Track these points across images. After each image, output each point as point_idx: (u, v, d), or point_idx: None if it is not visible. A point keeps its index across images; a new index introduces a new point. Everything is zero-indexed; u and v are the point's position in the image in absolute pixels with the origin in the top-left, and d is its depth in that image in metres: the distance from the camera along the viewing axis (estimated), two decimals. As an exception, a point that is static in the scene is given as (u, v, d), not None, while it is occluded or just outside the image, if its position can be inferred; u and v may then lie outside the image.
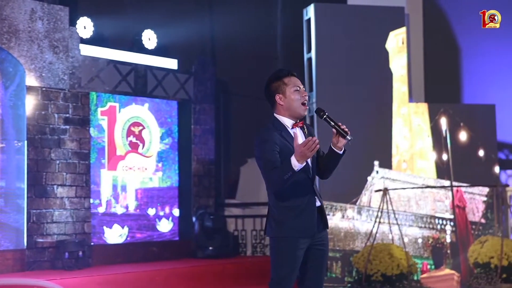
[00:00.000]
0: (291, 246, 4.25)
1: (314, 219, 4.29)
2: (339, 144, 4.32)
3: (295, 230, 4.23)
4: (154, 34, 9.33)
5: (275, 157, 4.22)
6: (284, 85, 4.35)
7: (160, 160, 9.38)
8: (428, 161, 8.79)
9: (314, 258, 4.36)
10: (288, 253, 4.25)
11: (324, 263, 4.44)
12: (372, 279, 7.76)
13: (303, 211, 4.25)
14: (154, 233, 9.24)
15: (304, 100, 4.37)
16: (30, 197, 7.72)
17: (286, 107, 4.35)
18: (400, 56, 8.75)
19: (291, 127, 4.36)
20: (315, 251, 4.36)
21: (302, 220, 4.23)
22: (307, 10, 8.60)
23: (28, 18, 7.76)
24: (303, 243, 4.28)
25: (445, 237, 8.72)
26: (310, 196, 4.29)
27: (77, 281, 6.76)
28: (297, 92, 4.35)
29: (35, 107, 7.81)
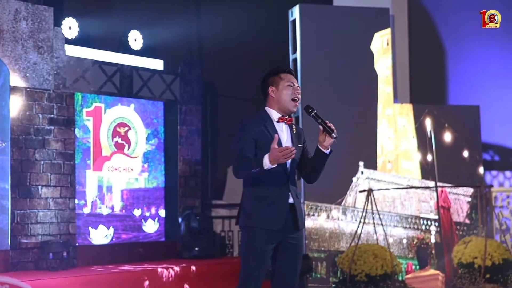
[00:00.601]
0: (259, 237, 4.32)
1: (283, 214, 4.35)
2: (325, 143, 4.38)
3: (262, 221, 4.30)
4: (140, 35, 9.33)
5: (249, 147, 4.35)
6: (279, 79, 4.48)
7: (146, 161, 9.38)
8: (413, 161, 8.83)
9: (285, 255, 4.41)
10: (255, 245, 4.32)
11: (297, 261, 4.46)
12: (356, 279, 7.78)
13: (273, 203, 4.32)
14: (140, 233, 9.24)
15: (295, 97, 4.48)
16: (14, 197, 7.70)
17: (277, 100, 4.46)
18: (385, 57, 8.79)
19: (277, 121, 4.42)
20: (287, 249, 4.40)
21: (270, 211, 4.31)
22: (292, 11, 8.62)
23: (12, 18, 7.75)
24: (271, 237, 4.32)
25: (429, 237, 8.76)
26: (283, 190, 4.36)
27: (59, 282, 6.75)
28: (290, 87, 4.46)
29: (19, 108, 7.79)
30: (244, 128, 4.42)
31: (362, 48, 8.68)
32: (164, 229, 9.51)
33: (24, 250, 7.72)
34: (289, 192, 4.39)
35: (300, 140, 4.58)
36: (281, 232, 4.37)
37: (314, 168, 4.52)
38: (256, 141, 4.36)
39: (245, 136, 4.38)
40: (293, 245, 4.43)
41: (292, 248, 4.43)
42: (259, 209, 4.34)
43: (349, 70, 8.61)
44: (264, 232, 4.32)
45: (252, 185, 4.38)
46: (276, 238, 4.36)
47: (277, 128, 4.46)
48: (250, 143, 4.34)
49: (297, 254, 4.47)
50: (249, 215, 4.35)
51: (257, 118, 4.46)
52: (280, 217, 4.34)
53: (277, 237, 4.36)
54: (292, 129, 4.54)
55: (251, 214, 4.34)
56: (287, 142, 4.47)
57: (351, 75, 8.62)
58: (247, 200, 4.40)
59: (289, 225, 4.39)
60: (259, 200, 4.34)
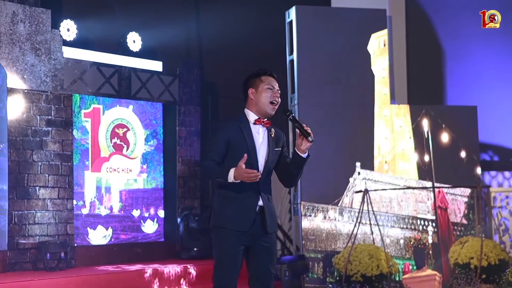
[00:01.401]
0: (227, 238, 4.35)
1: (250, 217, 4.37)
2: (302, 147, 4.39)
3: (230, 222, 4.33)
4: (139, 37, 9.38)
5: (218, 148, 4.41)
6: (260, 81, 4.50)
7: (145, 162, 9.43)
8: (410, 162, 8.84)
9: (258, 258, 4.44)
10: (225, 246, 4.36)
11: (270, 264, 4.47)
12: (352, 279, 7.80)
13: (241, 204, 4.34)
14: (138, 234, 9.29)
15: (274, 100, 4.47)
16: (12, 198, 7.77)
17: (255, 102, 4.48)
18: (381, 58, 8.80)
19: (254, 123, 4.45)
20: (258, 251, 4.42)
21: (238, 213, 4.32)
22: (289, 13, 8.65)
23: (9, 21, 7.82)
24: (240, 239, 4.35)
25: (427, 238, 8.77)
26: (252, 192, 4.38)
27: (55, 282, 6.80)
28: (269, 90, 4.47)
29: (17, 109, 7.86)
30: (219, 129, 4.48)
31: (359, 49, 8.69)
32: (163, 230, 9.56)
33: (21, 251, 7.79)
34: (259, 195, 4.40)
35: (278, 143, 4.58)
36: (249, 234, 4.38)
37: (292, 172, 4.52)
38: (228, 143, 4.40)
39: (217, 137, 4.44)
40: (264, 247, 4.43)
41: (264, 250, 4.43)
42: (227, 210, 4.38)
43: (346, 71, 8.62)
44: (232, 233, 4.35)
45: (222, 187, 4.42)
46: (245, 240, 4.38)
47: (253, 130, 4.47)
48: (220, 145, 4.39)
49: (270, 257, 4.47)
50: (217, 215, 4.39)
51: (234, 120, 4.49)
52: (247, 219, 4.36)
53: (246, 239, 4.38)
54: (270, 132, 4.54)
55: (219, 215, 4.38)
56: (262, 145, 4.48)
57: (348, 76, 8.63)
58: (217, 201, 4.45)
59: (257, 228, 4.40)
60: (228, 201, 4.38)
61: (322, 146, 8.42)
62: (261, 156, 4.46)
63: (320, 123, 8.46)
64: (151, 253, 9.18)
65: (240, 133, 4.40)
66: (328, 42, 8.63)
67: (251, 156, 4.39)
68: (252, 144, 4.41)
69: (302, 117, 8.40)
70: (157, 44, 9.63)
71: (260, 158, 4.44)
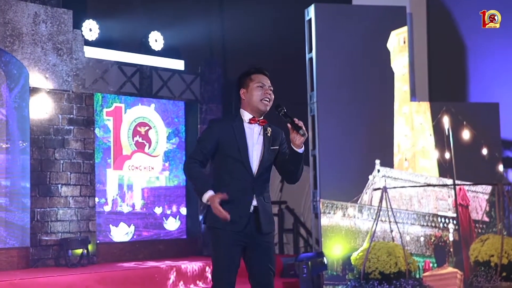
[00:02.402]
0: (223, 238, 4.34)
1: (244, 217, 4.35)
2: (297, 142, 4.37)
3: (222, 222, 4.29)
4: (161, 36, 9.48)
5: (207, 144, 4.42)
6: (250, 81, 4.48)
7: (167, 160, 9.53)
8: (430, 159, 8.80)
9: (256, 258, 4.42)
10: (221, 246, 4.34)
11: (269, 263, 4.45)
12: (370, 277, 7.79)
13: (235, 204, 4.33)
14: (161, 231, 9.39)
15: (265, 97, 4.44)
16: (34, 196, 7.91)
17: (247, 102, 4.47)
18: (401, 55, 8.78)
19: (248, 122, 4.46)
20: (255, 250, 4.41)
21: (232, 213, 4.29)
22: (308, 11, 8.66)
23: (31, 21, 7.96)
24: (236, 239, 4.34)
25: (447, 235, 8.72)
26: (245, 192, 4.37)
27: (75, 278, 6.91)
28: (260, 88, 4.45)
29: (39, 108, 7.99)
30: (210, 126, 4.49)
31: (378, 47, 8.67)
32: (185, 227, 9.65)
33: (44, 247, 7.93)
34: (254, 194, 4.41)
35: (275, 142, 4.55)
36: (245, 234, 4.39)
37: (290, 168, 4.49)
38: (218, 142, 4.39)
39: (207, 136, 4.42)
40: (261, 247, 4.41)
41: (261, 249, 4.41)
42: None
43: (365, 68, 8.61)
44: (228, 233, 4.34)
45: (216, 186, 4.40)
46: (241, 240, 4.36)
47: (247, 129, 4.45)
48: (209, 143, 4.38)
49: (268, 256, 4.44)
50: (213, 215, 4.34)
51: (228, 118, 4.49)
52: (241, 219, 4.35)
53: (242, 239, 4.36)
54: (266, 131, 4.53)
55: (214, 215, 4.35)
56: (257, 144, 4.47)
57: (367, 73, 8.62)
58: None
59: (252, 228, 4.41)
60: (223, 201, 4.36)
61: (342, 143, 8.44)
62: (255, 155, 4.45)
63: (339, 120, 8.48)
64: (173, 250, 9.28)
65: (231, 133, 4.39)
66: (347, 39, 8.62)
67: (242, 155, 4.39)
68: (243, 143, 4.41)
69: (322, 115, 8.43)
70: (179, 43, 9.72)
71: (253, 157, 4.43)
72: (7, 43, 7.78)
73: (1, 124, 7.98)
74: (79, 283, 6.83)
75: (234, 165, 4.39)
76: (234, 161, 4.38)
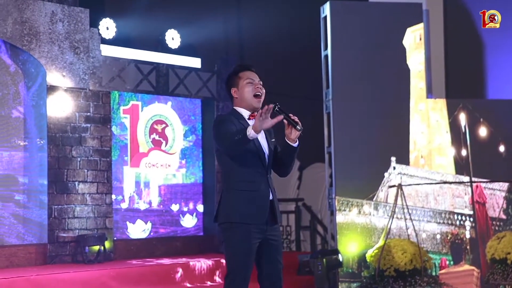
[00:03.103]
0: (243, 233, 4.32)
1: (266, 209, 4.39)
2: (292, 136, 4.40)
3: (246, 216, 4.31)
4: (177, 34, 9.53)
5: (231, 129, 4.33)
6: (239, 79, 4.52)
7: (184, 157, 9.59)
8: (446, 157, 8.77)
9: (268, 252, 4.45)
10: (239, 241, 4.33)
11: (278, 256, 4.50)
12: (385, 274, 7.80)
13: (256, 198, 4.36)
14: (178, 228, 9.45)
15: (257, 92, 4.47)
16: (52, 193, 8.00)
17: (240, 99, 4.50)
18: (417, 52, 8.75)
19: (248, 118, 4.49)
20: (269, 245, 4.45)
21: (254, 206, 4.32)
22: (324, 8, 8.67)
23: (48, 20, 8.04)
24: (255, 233, 4.35)
25: (464, 233, 8.68)
26: (263, 186, 4.40)
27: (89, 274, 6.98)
28: (250, 84, 4.48)
29: (56, 106, 8.08)
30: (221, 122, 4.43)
31: (394, 44, 8.66)
32: (202, 224, 9.70)
33: (61, 244, 8.01)
34: (269, 186, 4.44)
35: (271, 135, 4.62)
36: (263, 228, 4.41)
37: (284, 162, 4.53)
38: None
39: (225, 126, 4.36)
40: (273, 241, 4.45)
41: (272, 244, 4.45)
42: (242, 205, 4.35)
43: (381, 65, 8.60)
44: (249, 228, 4.33)
45: (234, 181, 4.40)
46: (260, 233, 4.39)
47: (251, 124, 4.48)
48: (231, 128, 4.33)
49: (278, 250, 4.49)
50: (231, 211, 4.34)
51: (231, 115, 4.51)
52: (263, 211, 4.36)
53: (260, 232, 4.39)
54: None
55: (234, 210, 4.33)
56: (262, 138, 4.52)
57: (383, 70, 8.61)
58: (229, 196, 4.40)
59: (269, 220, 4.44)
60: (242, 194, 4.35)
61: (357, 141, 8.44)
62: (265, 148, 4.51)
63: (355, 118, 8.47)
64: (190, 247, 9.33)
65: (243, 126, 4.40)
66: (363, 36, 8.62)
67: (258, 149, 4.44)
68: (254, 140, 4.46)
69: (337, 112, 8.43)
70: (195, 41, 9.77)
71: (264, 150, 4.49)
72: (25, 42, 7.87)
73: (19, 122, 8.08)
74: (95, 279, 6.90)
75: (252, 159, 4.40)
76: (252, 155, 4.40)
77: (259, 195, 4.38)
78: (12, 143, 8.04)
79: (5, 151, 7.98)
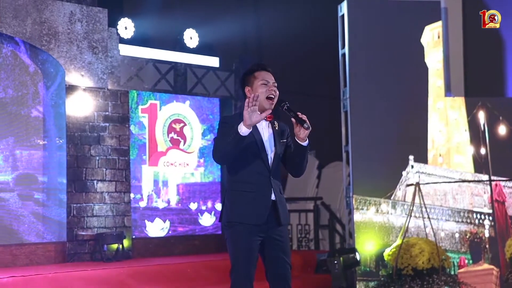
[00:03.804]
0: (242, 233, 4.36)
1: (266, 210, 4.39)
2: (301, 135, 4.41)
3: (244, 216, 4.34)
4: (196, 33, 9.57)
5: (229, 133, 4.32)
6: (254, 78, 4.52)
7: (202, 156, 9.62)
8: (465, 155, 8.73)
9: (272, 251, 4.46)
10: (240, 241, 4.36)
11: (285, 255, 4.50)
12: (402, 273, 7.78)
13: (255, 198, 4.37)
14: (196, 227, 9.48)
15: (270, 94, 4.47)
16: (70, 191, 8.06)
17: None
18: (435, 50, 8.72)
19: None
20: (273, 244, 4.45)
21: (252, 207, 4.34)
22: (341, 6, 8.66)
23: (67, 20, 8.11)
24: (255, 233, 4.37)
25: (483, 231, 8.64)
26: (264, 186, 4.41)
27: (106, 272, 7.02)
28: (264, 85, 4.48)
29: (75, 106, 8.14)
30: (225, 121, 4.49)
31: (412, 42, 8.63)
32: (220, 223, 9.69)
33: (80, 242, 8.07)
34: (272, 187, 4.44)
35: (283, 136, 4.62)
36: (264, 228, 4.42)
37: (295, 161, 4.55)
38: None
39: (226, 128, 4.39)
40: (278, 241, 4.46)
41: (277, 244, 4.46)
42: (241, 205, 4.39)
43: (398, 64, 8.58)
44: (247, 227, 4.37)
45: (234, 181, 4.45)
46: (260, 233, 4.40)
47: (258, 125, 4.48)
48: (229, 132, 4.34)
49: (284, 249, 4.49)
50: (231, 211, 4.39)
51: (237, 116, 4.51)
52: (262, 212, 4.38)
53: (260, 232, 4.40)
54: (274, 125, 4.58)
55: (233, 210, 4.38)
56: (269, 139, 4.53)
57: (401, 69, 8.59)
58: (230, 196, 4.46)
59: (271, 221, 4.44)
60: (242, 195, 4.39)
61: (375, 139, 8.42)
62: (269, 149, 4.51)
63: (372, 116, 8.46)
64: (208, 245, 9.36)
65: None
66: (380, 35, 8.60)
67: (261, 150, 4.45)
68: (260, 138, 4.47)
69: (355, 111, 8.43)
70: (214, 40, 9.80)
71: (268, 151, 4.50)
72: (44, 42, 7.94)
73: (38, 122, 8.16)
74: (113, 277, 6.93)
75: (253, 160, 4.43)
76: (253, 156, 4.43)
77: (259, 196, 4.40)
78: (32, 142, 8.11)
79: (24, 150, 8.06)
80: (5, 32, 7.70)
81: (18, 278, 6.36)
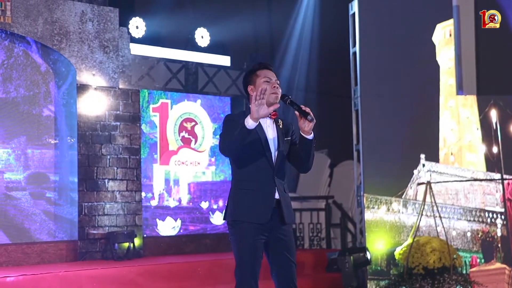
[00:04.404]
0: (246, 232, 4.34)
1: (269, 209, 4.37)
2: (306, 128, 4.38)
3: (246, 214, 4.33)
4: (207, 32, 9.58)
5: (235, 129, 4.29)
6: (256, 77, 4.52)
7: (213, 155, 9.63)
8: (477, 154, 8.67)
9: (277, 250, 4.44)
10: (244, 239, 4.34)
11: (289, 253, 4.48)
12: (413, 272, 7.74)
13: (258, 197, 4.36)
14: (207, 225, 9.50)
15: (273, 91, 4.45)
16: (82, 190, 8.09)
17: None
18: (447, 48, 8.67)
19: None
20: (277, 243, 4.43)
21: (256, 205, 4.32)
22: (352, 5, 8.64)
23: (78, 20, 8.14)
24: (259, 231, 4.36)
25: (495, 230, 8.59)
26: (268, 185, 4.39)
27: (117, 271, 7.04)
28: (267, 83, 4.46)
29: (86, 105, 8.17)
30: (230, 119, 4.47)
31: (423, 40, 8.59)
32: (231, 221, 9.71)
33: (91, 241, 8.11)
34: (275, 186, 4.43)
35: (287, 133, 4.60)
36: (268, 227, 4.41)
37: (301, 156, 4.51)
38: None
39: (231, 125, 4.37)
40: (282, 240, 4.44)
41: (282, 243, 4.45)
42: (245, 203, 4.38)
43: (410, 62, 8.54)
44: (251, 226, 4.35)
45: (238, 180, 4.44)
46: (264, 232, 4.39)
47: (262, 124, 4.47)
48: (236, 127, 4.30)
49: (289, 248, 4.46)
50: (235, 209, 4.38)
51: (241, 114, 4.50)
52: (265, 211, 4.37)
53: (264, 231, 4.40)
54: (278, 123, 4.56)
55: (237, 209, 4.37)
56: (274, 137, 4.50)
57: (412, 67, 8.55)
58: (234, 195, 4.46)
59: (275, 220, 4.43)
60: (246, 194, 4.38)
61: (386, 138, 8.39)
62: (272, 147, 4.50)
63: (383, 115, 8.43)
64: (219, 244, 9.37)
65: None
66: (391, 33, 8.56)
67: (265, 148, 4.44)
68: (264, 137, 4.46)
69: (366, 109, 8.40)
70: (225, 39, 9.81)
71: (272, 149, 4.49)
72: (55, 42, 7.98)
73: (49, 121, 8.20)
74: (124, 276, 6.96)
75: (257, 159, 4.42)
76: (257, 154, 4.42)
77: (262, 194, 4.38)
78: (43, 141, 8.16)
79: (36, 149, 8.10)
80: (17, 31, 7.75)
81: (29, 276, 6.40)
